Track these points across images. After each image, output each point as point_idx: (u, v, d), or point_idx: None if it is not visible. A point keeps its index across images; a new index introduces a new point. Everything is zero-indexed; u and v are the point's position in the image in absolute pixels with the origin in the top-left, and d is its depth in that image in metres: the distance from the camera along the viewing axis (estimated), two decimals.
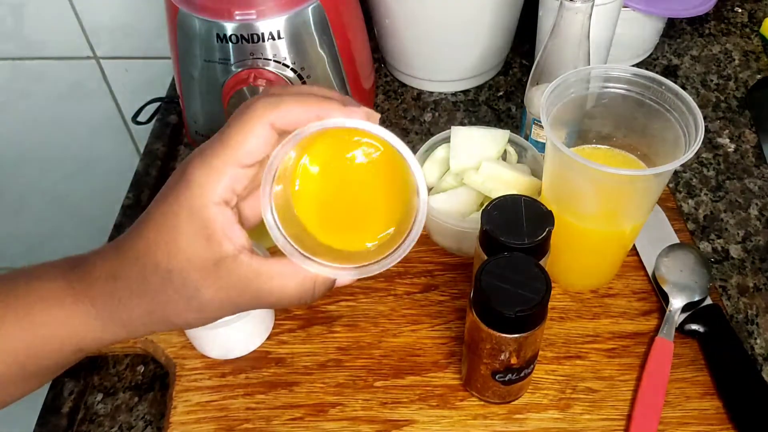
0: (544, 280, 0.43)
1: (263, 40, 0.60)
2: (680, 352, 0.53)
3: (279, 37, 0.60)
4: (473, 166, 0.59)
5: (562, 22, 0.55)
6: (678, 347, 0.53)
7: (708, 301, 0.55)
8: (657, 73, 0.50)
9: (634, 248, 0.59)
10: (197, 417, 0.51)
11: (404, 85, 0.80)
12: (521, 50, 0.82)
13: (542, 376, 0.52)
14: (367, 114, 0.35)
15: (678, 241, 0.59)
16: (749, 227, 0.63)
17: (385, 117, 0.76)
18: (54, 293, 0.37)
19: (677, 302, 0.54)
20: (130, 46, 0.97)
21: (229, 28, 0.59)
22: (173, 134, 0.76)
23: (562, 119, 0.51)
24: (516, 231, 0.47)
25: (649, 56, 0.80)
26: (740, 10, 0.86)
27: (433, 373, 0.53)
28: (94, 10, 0.93)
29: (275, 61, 0.61)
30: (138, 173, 0.71)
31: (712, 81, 0.78)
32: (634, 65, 0.78)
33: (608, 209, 0.51)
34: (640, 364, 0.52)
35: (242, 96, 0.60)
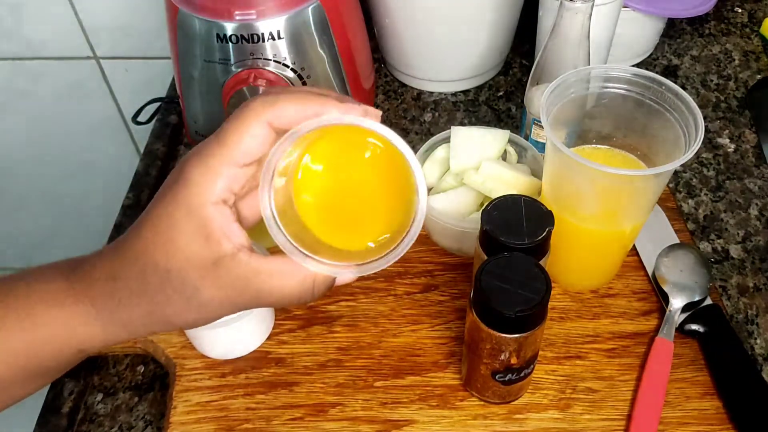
0: (544, 280, 0.43)
1: (263, 40, 0.60)
2: (680, 352, 0.53)
3: (279, 37, 0.60)
4: (473, 166, 0.59)
5: (562, 22, 0.55)
6: (678, 347, 0.53)
7: (708, 301, 0.55)
8: (657, 73, 0.50)
9: (634, 248, 0.59)
10: (197, 417, 0.51)
11: (404, 85, 0.80)
12: (521, 50, 0.82)
13: (542, 376, 0.52)
14: (365, 111, 0.35)
15: (678, 241, 0.59)
16: (749, 227, 0.63)
17: (385, 117, 0.76)
18: (54, 294, 0.37)
19: (677, 302, 0.54)
20: (130, 46, 0.97)
21: (229, 28, 0.59)
22: (173, 134, 0.76)
23: (562, 119, 0.51)
24: (516, 231, 0.47)
25: (649, 56, 0.80)
26: (740, 10, 0.86)
27: (433, 373, 0.53)
28: (94, 10, 0.93)
29: (275, 61, 0.61)
30: (138, 173, 0.71)
31: (712, 81, 0.78)
32: (634, 65, 0.78)
33: (608, 209, 0.51)
34: (640, 364, 0.52)
35: (242, 96, 0.60)
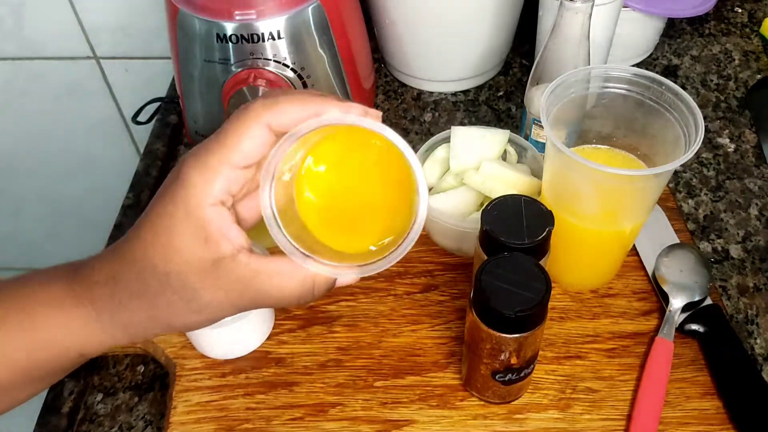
0: (544, 280, 0.43)
1: (263, 40, 0.60)
2: (680, 352, 0.53)
3: (279, 37, 0.60)
4: (473, 166, 0.59)
5: (562, 22, 0.55)
6: (678, 347, 0.53)
7: (708, 301, 0.55)
8: (657, 73, 0.50)
9: (634, 248, 0.59)
10: (197, 417, 0.51)
11: (404, 85, 0.80)
12: (521, 50, 0.82)
13: (542, 376, 0.52)
14: (365, 111, 0.35)
15: (678, 241, 0.59)
16: (749, 227, 0.63)
17: (385, 117, 0.76)
18: (55, 297, 0.37)
19: (677, 302, 0.54)
20: (130, 46, 0.97)
21: (229, 28, 0.59)
22: (173, 134, 0.76)
23: (562, 119, 0.51)
24: (516, 231, 0.47)
25: (649, 56, 0.80)
26: (740, 10, 0.86)
27: (433, 373, 0.53)
28: (94, 10, 0.93)
29: (275, 61, 0.61)
30: (138, 173, 0.71)
31: (712, 81, 0.78)
32: (634, 65, 0.78)
33: (608, 209, 0.51)
34: (640, 364, 0.52)
35: (242, 96, 0.60)
